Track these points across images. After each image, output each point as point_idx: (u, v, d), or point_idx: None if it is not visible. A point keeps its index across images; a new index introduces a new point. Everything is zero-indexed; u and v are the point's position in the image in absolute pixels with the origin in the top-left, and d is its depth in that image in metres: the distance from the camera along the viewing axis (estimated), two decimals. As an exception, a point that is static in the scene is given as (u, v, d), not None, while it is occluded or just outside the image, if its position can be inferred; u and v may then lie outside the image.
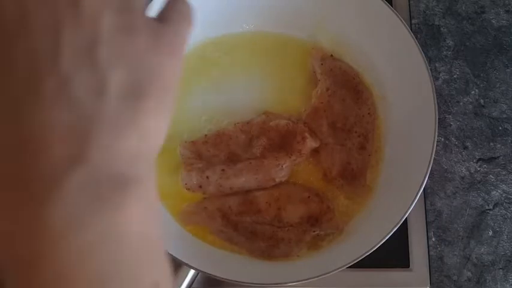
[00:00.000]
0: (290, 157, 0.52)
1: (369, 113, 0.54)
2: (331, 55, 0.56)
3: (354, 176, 0.53)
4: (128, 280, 0.19)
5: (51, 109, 0.18)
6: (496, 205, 0.58)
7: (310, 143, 0.52)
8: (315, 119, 0.54)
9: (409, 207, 0.47)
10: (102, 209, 0.18)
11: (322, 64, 0.55)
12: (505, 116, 0.60)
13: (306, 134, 0.52)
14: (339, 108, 0.54)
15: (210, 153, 0.52)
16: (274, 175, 0.51)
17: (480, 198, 0.58)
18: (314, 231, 0.51)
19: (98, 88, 0.19)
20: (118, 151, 0.19)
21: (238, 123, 0.53)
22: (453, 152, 0.59)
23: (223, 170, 0.51)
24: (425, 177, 0.47)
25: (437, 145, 0.50)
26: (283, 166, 0.52)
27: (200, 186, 0.51)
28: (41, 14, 0.19)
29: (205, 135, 0.53)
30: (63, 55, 0.19)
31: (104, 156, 0.19)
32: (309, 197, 0.52)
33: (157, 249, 0.21)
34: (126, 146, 0.19)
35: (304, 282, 0.46)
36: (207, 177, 0.51)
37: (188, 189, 0.52)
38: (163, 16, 0.24)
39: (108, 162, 0.19)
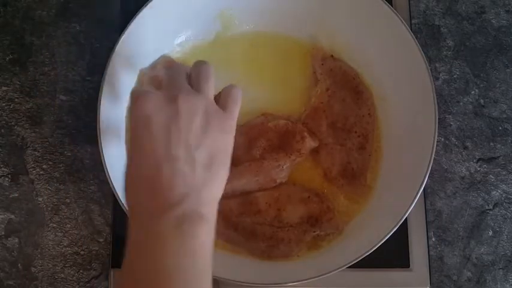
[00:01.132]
0: (290, 157, 0.52)
1: (369, 114, 0.54)
2: (332, 55, 0.56)
3: (354, 175, 0.53)
4: (191, 268, 0.34)
5: (171, 173, 0.35)
6: (496, 205, 0.58)
7: (310, 143, 0.52)
8: (314, 119, 0.54)
9: (409, 207, 0.47)
10: (183, 232, 0.34)
11: (322, 64, 0.55)
12: (505, 116, 0.60)
13: (305, 134, 0.52)
14: (338, 108, 0.54)
15: None
16: (274, 176, 0.51)
17: (480, 198, 0.58)
18: (314, 232, 0.51)
19: (191, 163, 0.35)
20: (200, 198, 0.35)
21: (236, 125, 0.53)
22: (453, 152, 0.59)
23: None
24: (425, 177, 0.47)
25: (437, 145, 0.50)
26: (284, 167, 0.52)
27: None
28: (159, 122, 0.35)
29: None
30: (172, 144, 0.35)
31: (193, 201, 0.35)
32: (308, 197, 0.52)
33: (208, 257, 0.35)
34: (204, 194, 0.35)
35: (304, 282, 0.46)
36: None
37: None
38: (223, 103, 0.39)
39: (194, 205, 0.35)
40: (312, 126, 0.54)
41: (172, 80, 0.39)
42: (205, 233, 0.35)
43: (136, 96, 0.37)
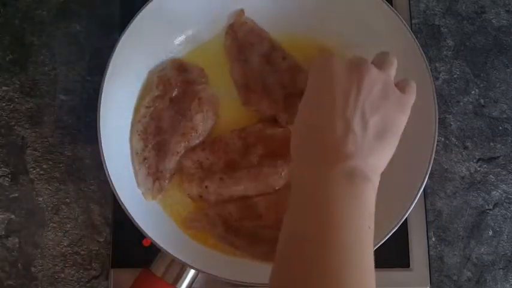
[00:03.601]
0: (288, 164, 0.51)
1: None
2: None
3: None
4: (360, 220, 0.36)
5: (343, 130, 0.37)
6: (496, 205, 0.58)
7: None
8: None
9: (409, 207, 0.47)
10: (355, 184, 0.36)
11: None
12: (505, 116, 0.60)
13: None
14: None
15: (209, 161, 0.52)
16: (273, 183, 0.51)
17: (480, 198, 0.58)
18: None
19: (363, 127, 0.37)
20: (367, 162, 0.37)
21: (234, 130, 0.53)
22: (453, 152, 0.59)
23: (221, 178, 0.51)
24: (425, 177, 0.47)
25: (437, 145, 0.50)
26: (282, 174, 0.51)
27: (201, 196, 0.51)
28: (341, 83, 0.38)
29: (202, 141, 0.53)
30: (349, 106, 0.37)
31: (361, 162, 0.36)
32: None
33: (371, 211, 0.37)
34: (371, 161, 0.37)
35: (304, 282, 0.46)
36: (206, 186, 0.51)
37: (191, 198, 0.52)
38: (402, 87, 0.40)
39: (362, 166, 0.36)
40: None
41: (356, 57, 0.41)
42: (371, 195, 0.37)
43: (325, 56, 0.40)
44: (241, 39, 0.55)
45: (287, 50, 0.56)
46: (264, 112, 0.54)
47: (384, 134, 0.38)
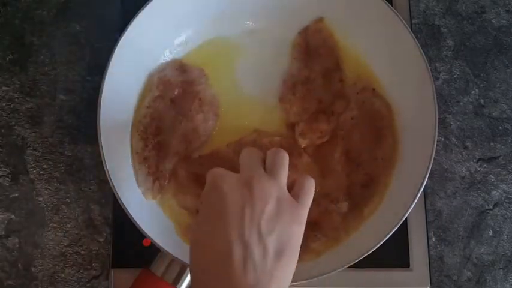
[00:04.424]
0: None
1: (382, 159, 0.52)
2: (373, 89, 0.54)
3: (354, 206, 0.52)
4: None
5: (242, 259, 0.34)
6: (496, 205, 0.58)
7: (307, 159, 0.52)
8: (331, 144, 0.52)
9: (409, 207, 0.47)
10: None
11: (358, 93, 0.54)
12: (505, 116, 0.60)
13: (302, 150, 0.52)
14: (356, 140, 0.53)
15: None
16: None
17: (480, 198, 0.58)
18: (315, 235, 0.50)
19: (263, 250, 0.34)
20: None
21: (229, 143, 0.52)
22: (453, 152, 0.59)
23: None
24: (425, 177, 0.47)
25: (437, 145, 0.50)
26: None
27: (198, 211, 0.51)
28: (233, 202, 0.35)
29: (200, 156, 0.52)
30: (245, 227, 0.34)
31: None
32: None
33: None
34: (273, 287, 0.34)
35: (304, 282, 0.46)
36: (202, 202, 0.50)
37: (185, 210, 0.51)
38: (296, 193, 0.38)
39: None
40: (325, 149, 0.52)
41: (248, 163, 0.39)
42: None
43: (213, 176, 0.38)
44: (312, 46, 0.55)
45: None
46: (289, 117, 0.53)
47: (282, 251, 0.35)
